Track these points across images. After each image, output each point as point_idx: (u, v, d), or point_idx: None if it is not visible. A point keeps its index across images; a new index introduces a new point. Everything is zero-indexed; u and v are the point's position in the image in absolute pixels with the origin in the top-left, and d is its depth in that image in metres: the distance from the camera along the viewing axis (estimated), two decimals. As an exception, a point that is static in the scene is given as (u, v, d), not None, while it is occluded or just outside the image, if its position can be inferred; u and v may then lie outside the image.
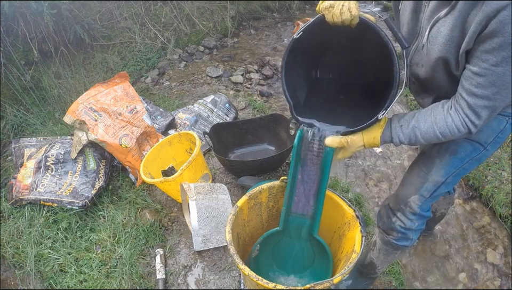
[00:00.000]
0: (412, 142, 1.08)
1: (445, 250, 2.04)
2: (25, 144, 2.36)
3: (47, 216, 2.00)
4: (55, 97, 2.96)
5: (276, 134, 2.39)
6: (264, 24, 4.69)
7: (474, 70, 0.91)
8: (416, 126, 1.06)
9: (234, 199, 2.10)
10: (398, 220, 1.34)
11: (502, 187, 2.23)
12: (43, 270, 1.83)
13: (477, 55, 0.89)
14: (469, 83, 0.94)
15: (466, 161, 1.20)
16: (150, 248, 1.90)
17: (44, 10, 2.72)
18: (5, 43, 2.80)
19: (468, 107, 0.96)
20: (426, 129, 1.04)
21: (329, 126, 1.22)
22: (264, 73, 3.46)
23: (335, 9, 0.98)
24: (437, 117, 1.03)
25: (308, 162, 1.32)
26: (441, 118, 1.02)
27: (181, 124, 2.57)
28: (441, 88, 1.11)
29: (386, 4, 5.19)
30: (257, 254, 1.46)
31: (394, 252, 1.45)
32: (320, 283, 1.09)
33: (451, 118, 1.00)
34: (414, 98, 1.30)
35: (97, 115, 2.14)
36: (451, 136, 1.02)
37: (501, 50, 0.85)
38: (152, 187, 2.22)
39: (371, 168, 2.51)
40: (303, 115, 1.24)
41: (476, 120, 0.96)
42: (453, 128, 1.00)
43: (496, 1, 0.81)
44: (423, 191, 1.26)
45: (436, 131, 1.03)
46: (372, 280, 1.69)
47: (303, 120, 1.23)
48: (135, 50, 3.54)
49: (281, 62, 1.18)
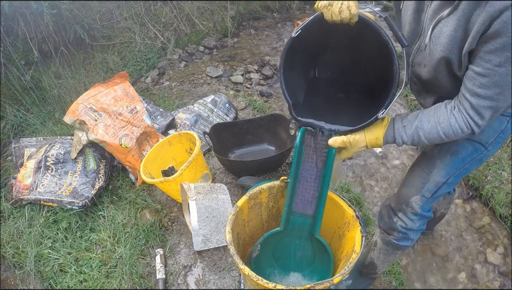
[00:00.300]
0: (415, 143, 1.08)
1: (445, 250, 2.04)
2: (25, 144, 2.36)
3: (47, 216, 2.00)
4: (55, 97, 2.96)
5: (276, 134, 2.39)
6: (264, 24, 4.69)
7: (478, 70, 0.91)
8: (420, 126, 1.05)
9: (234, 199, 2.10)
10: (399, 221, 1.34)
11: (502, 187, 2.23)
12: (43, 270, 1.83)
13: (480, 55, 0.89)
14: (472, 84, 0.93)
15: (467, 161, 1.20)
16: (150, 248, 1.90)
17: (44, 10, 2.72)
18: (5, 43, 2.80)
19: (471, 108, 0.96)
20: (429, 129, 1.04)
21: (329, 125, 1.21)
22: (264, 73, 3.46)
23: (334, 8, 0.97)
24: (440, 117, 1.02)
25: (310, 162, 1.31)
26: (445, 119, 1.01)
27: (181, 124, 2.57)
28: (443, 89, 1.11)
29: (386, 4, 5.19)
30: (258, 253, 1.46)
31: (395, 252, 1.45)
32: (320, 283, 1.09)
33: (454, 119, 0.99)
34: (415, 98, 1.29)
35: (97, 115, 2.14)
36: (454, 136, 1.02)
37: (504, 51, 0.84)
38: (152, 187, 2.22)
39: (371, 168, 2.51)
40: (302, 115, 1.23)
41: (479, 120, 0.96)
42: (456, 128, 1.00)
43: (499, 1, 0.80)
44: (425, 192, 1.26)
45: (440, 131, 1.02)
46: (372, 280, 1.69)
47: (302, 120, 1.22)
48: (135, 50, 3.54)
49: (279, 61, 1.16)
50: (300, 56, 1.23)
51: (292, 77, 1.24)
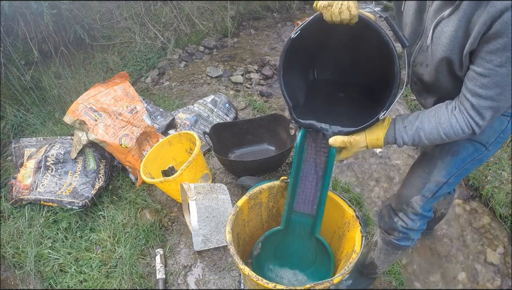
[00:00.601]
0: (416, 143, 1.08)
1: (444, 250, 2.04)
2: (25, 144, 2.36)
3: (47, 216, 2.00)
4: (55, 97, 2.96)
5: (276, 134, 2.39)
6: (264, 24, 4.69)
7: (479, 70, 0.91)
8: (420, 126, 1.05)
9: (234, 199, 2.10)
10: (400, 221, 1.34)
11: (502, 187, 2.23)
12: (43, 270, 1.83)
13: (481, 55, 0.89)
14: (473, 84, 0.93)
15: (468, 161, 1.21)
16: (150, 248, 1.90)
17: (44, 10, 2.72)
18: (5, 43, 2.80)
19: (472, 108, 0.96)
20: (430, 130, 1.04)
21: (330, 126, 1.21)
22: (264, 73, 3.46)
23: (334, 8, 0.96)
24: (441, 117, 1.02)
25: (310, 162, 1.31)
26: (446, 119, 1.01)
27: (181, 124, 2.57)
28: (444, 89, 1.11)
29: (386, 4, 5.19)
30: (259, 252, 1.46)
31: (396, 252, 1.45)
32: (320, 283, 1.09)
33: (455, 119, 0.99)
34: (416, 98, 1.29)
35: (97, 115, 2.14)
36: (455, 136, 1.02)
37: (505, 51, 0.85)
38: (152, 187, 2.22)
39: (371, 168, 2.51)
40: (302, 117, 1.22)
41: (480, 120, 0.96)
42: (457, 128, 1.00)
43: (500, 1, 0.80)
44: (425, 192, 1.26)
45: (440, 132, 1.02)
46: (372, 280, 1.69)
47: (303, 122, 1.21)
48: (135, 50, 3.54)
49: (279, 62, 1.15)
50: (299, 57, 1.22)
51: (292, 78, 1.23)
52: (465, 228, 2.16)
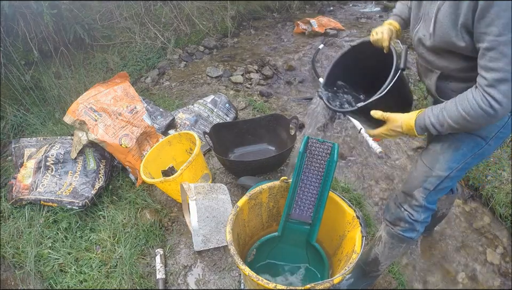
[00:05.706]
0: (441, 123, 1.12)
1: (445, 250, 2.04)
2: (25, 144, 2.36)
3: (47, 216, 2.00)
4: (55, 97, 2.96)
5: (276, 134, 2.39)
6: (264, 24, 4.69)
7: (484, 45, 0.98)
8: (443, 106, 1.12)
9: (234, 199, 2.10)
10: (406, 211, 1.38)
11: (502, 187, 2.23)
12: (43, 270, 1.82)
13: (482, 31, 0.97)
14: (484, 61, 1.00)
15: (469, 156, 1.25)
16: (150, 248, 1.90)
17: (44, 10, 2.72)
18: (5, 43, 2.80)
19: (486, 83, 1.01)
20: (450, 107, 1.09)
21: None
22: (264, 73, 3.46)
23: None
24: (461, 96, 1.08)
25: (311, 170, 1.36)
26: (464, 96, 1.07)
27: (181, 124, 2.57)
28: (444, 68, 1.18)
29: (386, 4, 5.20)
30: (252, 258, 1.48)
31: (400, 245, 1.46)
32: (320, 283, 1.09)
33: (472, 94, 1.05)
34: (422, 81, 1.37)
35: (97, 115, 2.14)
36: (474, 113, 1.04)
37: (499, 19, 0.92)
38: (152, 187, 2.22)
39: (371, 168, 2.51)
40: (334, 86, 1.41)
41: (496, 94, 1.00)
42: (473, 103, 1.03)
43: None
44: (427, 184, 1.31)
45: (459, 107, 1.07)
46: (373, 279, 1.69)
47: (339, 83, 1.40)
48: (135, 50, 3.54)
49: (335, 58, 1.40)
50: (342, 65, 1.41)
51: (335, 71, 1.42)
52: (465, 228, 2.16)
